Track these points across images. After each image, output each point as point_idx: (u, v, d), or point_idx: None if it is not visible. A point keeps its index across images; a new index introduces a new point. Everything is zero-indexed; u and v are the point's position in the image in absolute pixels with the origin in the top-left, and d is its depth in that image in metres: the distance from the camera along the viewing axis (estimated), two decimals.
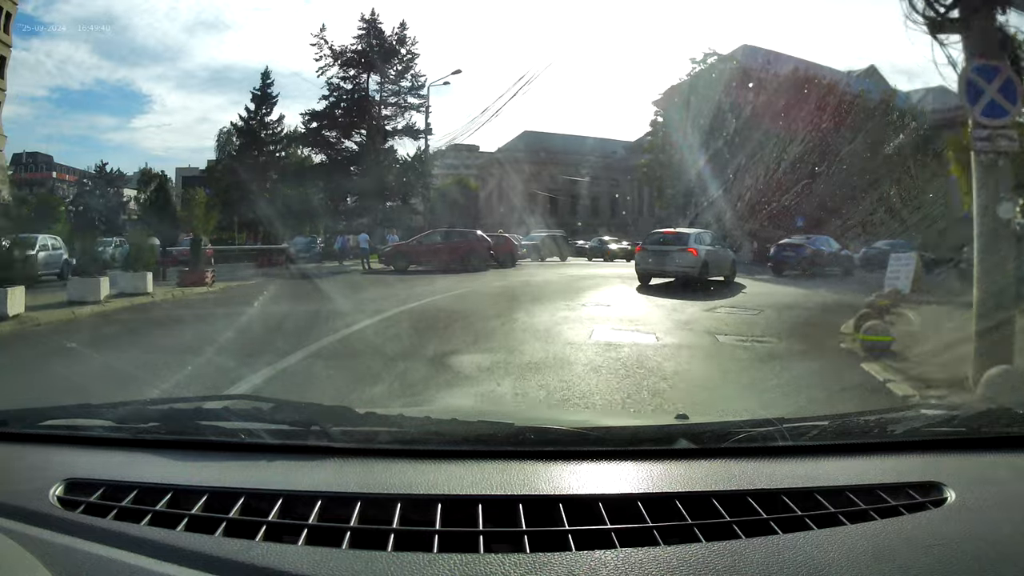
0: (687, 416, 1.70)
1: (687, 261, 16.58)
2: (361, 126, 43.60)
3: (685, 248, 16.78)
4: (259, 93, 45.64)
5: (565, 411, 4.68)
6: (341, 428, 1.44)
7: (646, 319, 10.68)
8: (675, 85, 43.64)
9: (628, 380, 6.07)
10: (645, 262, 17.30)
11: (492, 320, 10.20)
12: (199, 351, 7.36)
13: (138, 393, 4.94)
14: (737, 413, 4.37)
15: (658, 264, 16.93)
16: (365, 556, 1.00)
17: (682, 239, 17.22)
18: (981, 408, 1.69)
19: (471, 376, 6.22)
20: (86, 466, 1.33)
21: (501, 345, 7.99)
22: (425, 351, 7.49)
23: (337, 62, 43.12)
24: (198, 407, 1.64)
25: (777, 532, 1.08)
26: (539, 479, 1.26)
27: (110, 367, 6.78)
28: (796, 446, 1.42)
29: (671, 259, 16.70)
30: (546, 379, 6.04)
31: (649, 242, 17.79)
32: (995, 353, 5.49)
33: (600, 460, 1.35)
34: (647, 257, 17.30)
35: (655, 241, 17.62)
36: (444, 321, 10.15)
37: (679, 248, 16.79)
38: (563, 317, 10.56)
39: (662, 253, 16.94)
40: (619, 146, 66.04)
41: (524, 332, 8.98)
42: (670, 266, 16.69)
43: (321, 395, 5.33)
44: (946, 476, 1.27)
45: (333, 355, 7.27)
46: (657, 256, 17.01)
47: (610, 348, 7.77)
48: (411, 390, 5.58)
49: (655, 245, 17.35)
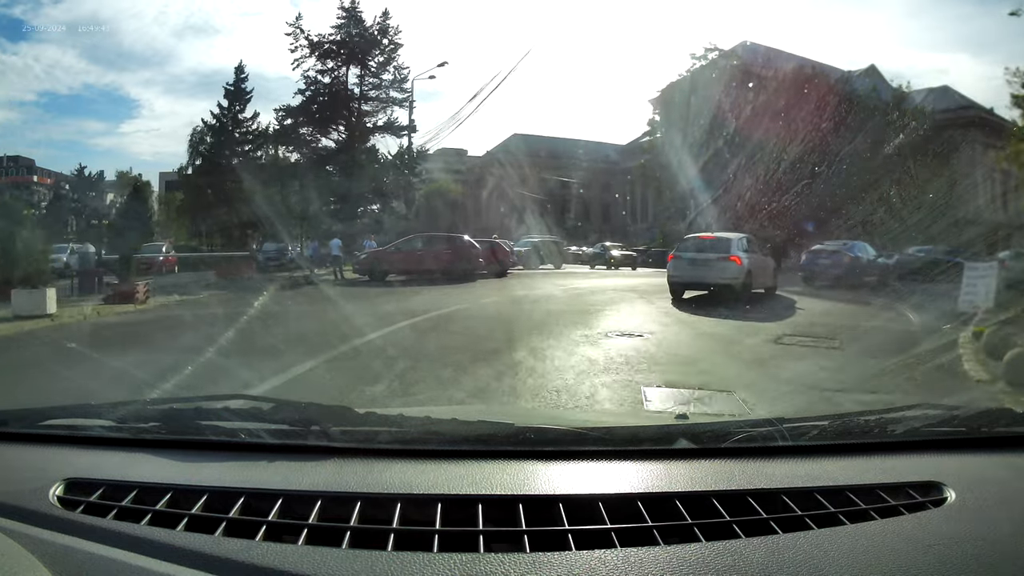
0: (687, 416, 1.70)
1: (729, 272, 14.14)
2: (339, 122, 40.22)
3: (727, 256, 14.40)
4: (232, 88, 41.21)
5: (565, 411, 4.59)
6: (341, 428, 1.45)
7: (704, 360, 7.77)
8: (674, 82, 41.19)
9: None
10: (680, 272, 14.81)
11: (484, 365, 7.04)
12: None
13: None
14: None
15: (695, 274, 14.56)
16: (365, 556, 1.00)
17: (722, 245, 14.80)
18: (981, 408, 1.70)
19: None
20: (86, 466, 1.33)
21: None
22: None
23: (314, 53, 39.47)
24: (198, 407, 1.62)
25: (777, 532, 1.08)
26: (539, 479, 1.26)
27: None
28: (796, 446, 1.42)
29: (710, 269, 14.28)
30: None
31: (684, 249, 15.29)
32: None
33: (600, 460, 1.35)
34: (682, 266, 14.81)
35: (691, 248, 15.17)
36: (412, 371, 6.73)
37: (720, 256, 14.39)
38: (586, 359, 7.43)
39: (700, 262, 14.48)
40: (612, 149, 64.08)
41: (537, 392, 5.83)
42: (709, 277, 14.33)
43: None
44: (946, 476, 1.27)
45: None
46: (694, 266, 14.57)
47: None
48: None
49: (691, 252, 14.90)
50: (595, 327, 10.02)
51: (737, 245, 14.70)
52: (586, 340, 8.71)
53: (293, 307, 14.48)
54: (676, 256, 15.14)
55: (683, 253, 14.99)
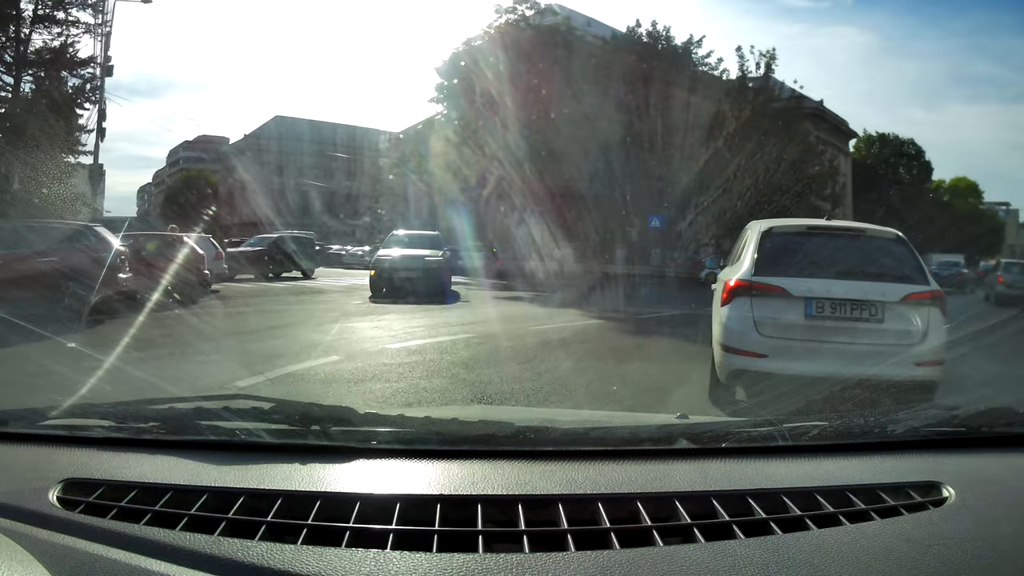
0: (687, 416, 1.70)
1: (931, 341, 5.26)
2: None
3: (928, 294, 5.43)
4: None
5: (565, 411, 4.51)
6: (341, 428, 1.46)
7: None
8: (472, 44, 32.21)
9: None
10: (780, 341, 5.31)
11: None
12: None
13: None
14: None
15: (839, 354, 5.18)
16: (365, 556, 1.00)
17: (890, 257, 5.83)
18: (981, 408, 1.62)
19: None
20: (86, 466, 1.34)
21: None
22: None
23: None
24: (198, 407, 1.63)
25: (777, 532, 1.08)
26: (539, 479, 1.26)
27: None
28: (796, 446, 1.42)
29: (878, 335, 5.31)
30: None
31: (786, 263, 5.64)
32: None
33: (600, 460, 1.36)
34: (788, 321, 5.35)
35: (813, 260, 5.67)
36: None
37: (905, 295, 5.36)
38: None
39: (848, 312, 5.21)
40: (387, 136, 53.73)
41: None
42: (873, 359, 5.15)
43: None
44: (946, 476, 1.27)
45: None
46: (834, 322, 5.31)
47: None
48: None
49: (817, 280, 5.39)
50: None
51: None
52: None
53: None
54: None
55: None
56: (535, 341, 9.39)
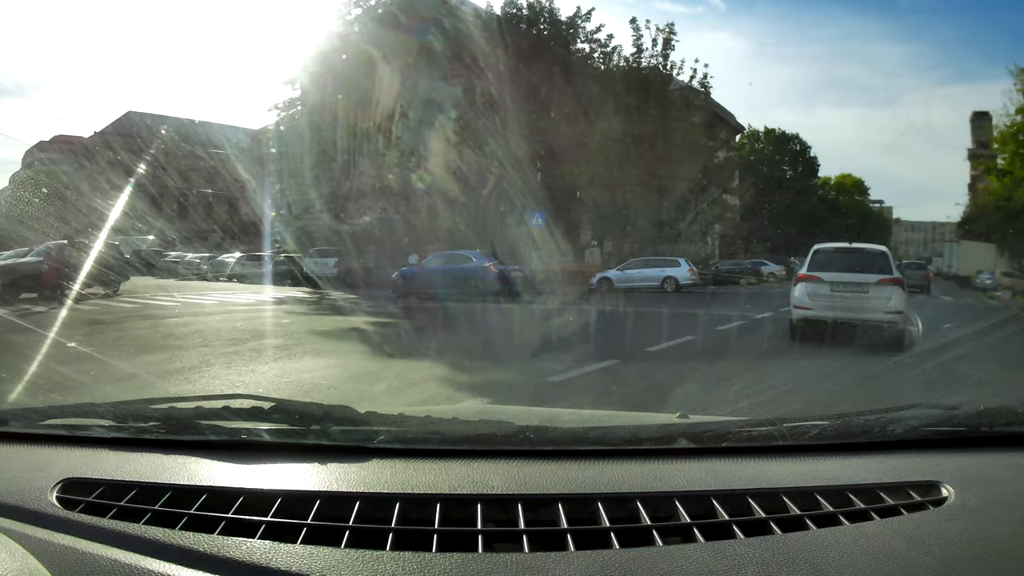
0: (687, 415, 1.71)
1: (894, 302, 9.87)
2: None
3: (892, 280, 10.17)
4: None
5: (565, 411, 4.37)
6: (341, 428, 1.46)
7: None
8: (332, 29, 28.77)
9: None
10: (820, 302, 10.08)
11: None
12: None
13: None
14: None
15: (847, 308, 9.92)
16: (364, 555, 1.00)
17: (877, 262, 10.45)
18: (981, 407, 1.62)
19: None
20: (85, 465, 1.33)
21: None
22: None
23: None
24: (198, 407, 1.63)
25: (777, 532, 1.08)
26: (539, 478, 1.26)
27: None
28: (796, 446, 1.42)
29: (867, 300, 9.94)
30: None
31: (823, 265, 10.42)
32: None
33: (600, 459, 1.36)
34: (823, 293, 10.13)
35: (836, 264, 10.38)
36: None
37: (879, 279, 10.09)
38: None
39: (853, 288, 10.03)
40: (247, 134, 48.39)
41: None
42: (865, 311, 9.84)
43: None
44: (946, 476, 1.27)
45: None
46: (846, 293, 10.04)
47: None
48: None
49: (838, 273, 10.18)
50: None
51: (892, 260, 10.75)
52: None
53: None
54: (809, 276, 10.39)
55: (825, 272, 10.33)
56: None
